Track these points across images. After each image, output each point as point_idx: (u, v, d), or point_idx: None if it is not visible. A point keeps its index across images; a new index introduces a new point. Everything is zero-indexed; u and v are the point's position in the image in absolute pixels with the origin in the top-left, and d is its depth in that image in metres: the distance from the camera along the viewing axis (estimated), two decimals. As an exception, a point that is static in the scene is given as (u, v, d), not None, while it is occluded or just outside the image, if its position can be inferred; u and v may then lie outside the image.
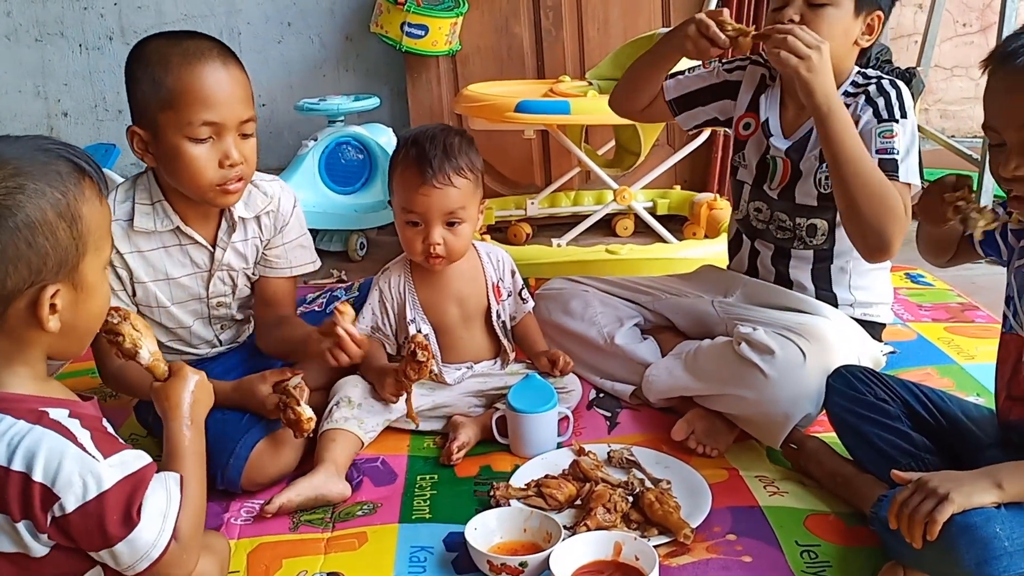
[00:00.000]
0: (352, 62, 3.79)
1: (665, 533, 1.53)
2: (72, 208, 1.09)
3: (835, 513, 1.60)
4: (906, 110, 1.81)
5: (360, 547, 1.56)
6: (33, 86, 3.78)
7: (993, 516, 1.26)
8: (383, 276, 1.98)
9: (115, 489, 1.07)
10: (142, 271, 1.73)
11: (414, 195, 1.84)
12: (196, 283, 1.80)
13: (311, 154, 3.23)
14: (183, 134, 1.60)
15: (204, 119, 1.59)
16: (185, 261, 1.77)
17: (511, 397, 1.83)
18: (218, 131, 1.62)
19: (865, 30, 1.84)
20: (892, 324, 2.36)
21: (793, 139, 1.92)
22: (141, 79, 1.61)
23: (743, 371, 1.76)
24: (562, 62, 3.50)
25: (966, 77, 3.95)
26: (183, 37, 1.65)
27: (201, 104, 1.59)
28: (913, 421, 1.59)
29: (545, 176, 3.59)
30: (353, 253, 3.26)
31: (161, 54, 1.60)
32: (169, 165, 1.64)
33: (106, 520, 1.07)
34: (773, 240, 1.99)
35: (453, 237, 1.88)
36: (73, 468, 1.05)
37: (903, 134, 1.78)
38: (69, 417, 1.09)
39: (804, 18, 1.77)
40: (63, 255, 1.08)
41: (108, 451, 1.08)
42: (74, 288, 1.11)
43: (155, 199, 1.72)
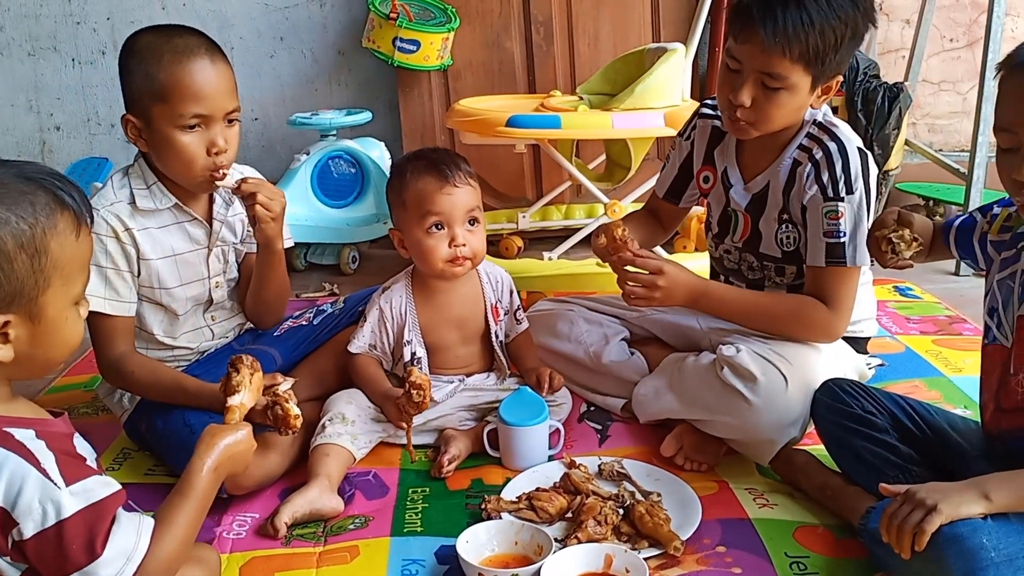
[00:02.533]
0: (344, 77, 3.81)
1: (655, 545, 1.54)
2: (37, 241, 1.05)
3: (824, 525, 1.61)
4: (852, 182, 1.78)
5: (352, 560, 1.56)
6: (26, 100, 3.78)
7: (980, 527, 1.27)
8: (384, 296, 1.99)
9: (75, 518, 1.05)
10: (148, 248, 1.79)
11: (437, 197, 1.88)
12: (198, 259, 1.87)
13: (303, 168, 3.24)
14: (174, 124, 1.71)
15: (194, 112, 1.70)
16: (185, 238, 1.85)
17: (502, 410, 1.84)
18: (206, 121, 1.72)
19: (822, 93, 1.78)
20: (879, 337, 2.39)
21: (751, 192, 1.92)
22: (135, 72, 1.71)
23: (726, 398, 1.76)
24: (553, 77, 3.53)
25: (953, 92, 3.98)
26: (173, 33, 1.74)
27: (191, 98, 1.70)
28: (900, 433, 1.60)
29: (536, 190, 3.60)
30: (345, 267, 3.27)
31: (153, 50, 1.71)
32: (161, 152, 1.75)
33: (66, 547, 1.04)
34: (745, 279, 2.01)
35: (475, 236, 1.92)
36: (33, 494, 1.03)
37: (849, 211, 1.77)
38: (35, 438, 1.06)
39: (756, 101, 1.73)
40: (18, 287, 1.05)
41: (72, 477, 1.06)
42: (31, 320, 1.07)
43: (149, 182, 1.80)
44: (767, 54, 1.69)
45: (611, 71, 3.14)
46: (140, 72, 1.71)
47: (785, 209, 1.87)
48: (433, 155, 1.94)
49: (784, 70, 1.70)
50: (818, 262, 1.81)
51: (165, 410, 1.80)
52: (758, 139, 1.84)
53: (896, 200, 3.75)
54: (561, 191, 3.42)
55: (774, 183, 1.88)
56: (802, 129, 1.85)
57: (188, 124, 1.71)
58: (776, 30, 1.66)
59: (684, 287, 1.83)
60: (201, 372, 1.85)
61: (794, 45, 1.67)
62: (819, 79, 1.74)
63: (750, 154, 1.93)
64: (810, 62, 1.69)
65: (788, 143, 1.86)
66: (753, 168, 1.92)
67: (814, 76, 1.72)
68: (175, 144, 1.72)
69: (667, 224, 2.19)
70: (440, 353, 1.99)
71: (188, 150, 1.72)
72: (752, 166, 1.93)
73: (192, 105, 1.70)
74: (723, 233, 2.01)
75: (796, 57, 1.68)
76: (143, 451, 1.94)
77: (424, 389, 1.76)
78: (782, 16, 1.66)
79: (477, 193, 1.93)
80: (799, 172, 1.83)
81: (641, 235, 2.08)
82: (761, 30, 1.67)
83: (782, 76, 1.71)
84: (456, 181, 1.89)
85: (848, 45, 1.72)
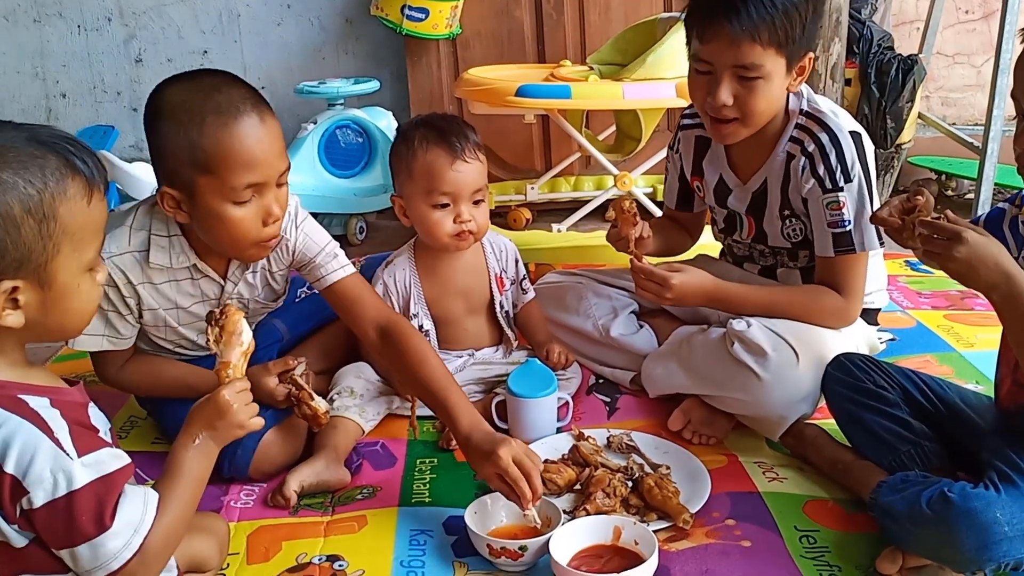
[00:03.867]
0: (352, 45, 3.77)
1: (664, 518, 1.53)
2: (46, 206, 1.04)
3: (834, 499, 1.61)
4: (848, 170, 1.75)
5: (360, 530, 1.56)
6: (31, 67, 3.76)
7: (993, 501, 1.27)
8: (387, 270, 1.98)
9: (86, 489, 1.04)
10: (152, 300, 1.67)
11: (446, 173, 1.85)
12: (204, 310, 1.72)
13: (310, 137, 3.22)
14: (225, 199, 1.50)
15: (247, 182, 1.50)
16: (195, 293, 1.71)
17: (511, 382, 1.83)
18: (260, 190, 1.53)
19: (797, 74, 1.75)
20: (891, 311, 2.38)
21: (750, 191, 1.89)
22: (172, 138, 1.48)
23: (737, 373, 1.75)
24: (563, 47, 3.48)
25: (968, 64, 3.93)
26: (210, 85, 1.51)
27: (244, 167, 1.49)
28: (912, 408, 1.59)
29: (545, 161, 3.57)
30: (352, 237, 3.25)
31: (190, 111, 1.47)
32: (208, 226, 1.55)
33: (76, 518, 1.04)
34: (757, 264, 2.00)
35: (480, 213, 1.90)
36: (45, 464, 1.02)
37: (850, 199, 1.75)
38: (50, 407, 1.06)
39: (738, 97, 1.71)
40: (25, 252, 1.03)
41: (84, 449, 1.05)
42: (40, 286, 1.06)
43: (172, 232, 1.63)
44: (737, 46, 1.66)
45: (622, 41, 3.10)
46: (179, 139, 1.47)
47: (786, 205, 1.85)
48: (442, 123, 1.89)
49: (758, 58, 1.67)
50: (827, 252, 1.80)
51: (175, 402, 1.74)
52: (745, 139, 1.80)
53: (909, 174, 3.72)
54: (570, 162, 3.40)
55: (771, 180, 1.86)
56: (790, 121, 1.81)
57: (242, 198, 1.50)
58: (741, 19, 1.64)
59: (695, 295, 1.82)
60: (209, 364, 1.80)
61: (762, 30, 1.64)
62: (792, 60, 1.71)
63: (741, 155, 1.90)
64: (781, 44, 1.67)
65: (778, 138, 1.82)
66: (747, 168, 1.90)
67: (787, 58, 1.69)
68: (226, 220, 1.51)
69: (691, 229, 2.18)
70: (447, 326, 1.98)
71: (242, 225, 1.52)
72: (745, 167, 1.90)
73: (245, 175, 1.49)
74: (730, 231, 2.01)
75: (767, 42, 1.66)
76: (151, 419, 1.94)
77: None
78: (743, 4, 1.64)
79: (484, 168, 1.90)
80: (793, 167, 1.80)
81: (667, 243, 2.10)
82: (726, 23, 1.64)
83: (757, 65, 1.67)
84: (466, 156, 1.85)
85: (813, 19, 1.70)
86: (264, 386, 1.67)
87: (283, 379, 1.68)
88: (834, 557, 1.45)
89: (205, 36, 3.76)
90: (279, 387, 1.67)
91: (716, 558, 1.45)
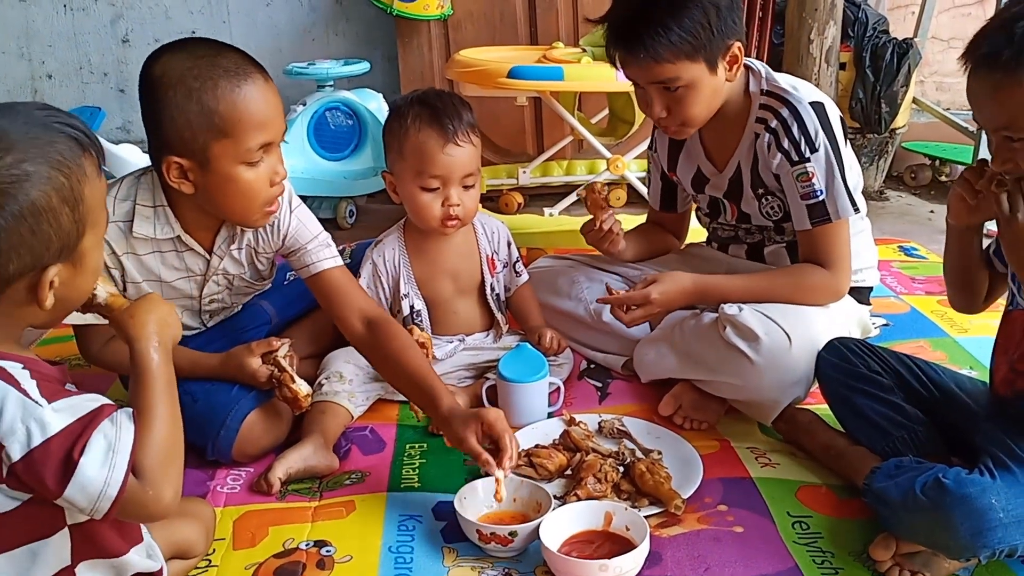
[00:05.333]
0: (342, 26, 3.74)
1: (656, 503, 1.52)
2: (75, 191, 1.05)
3: (827, 485, 1.59)
4: (813, 139, 1.75)
5: (348, 515, 1.54)
6: (17, 47, 3.71)
7: (988, 487, 1.26)
8: (376, 249, 1.95)
9: (62, 434, 1.00)
10: (136, 272, 1.66)
11: (437, 155, 1.82)
12: (189, 286, 1.73)
13: (299, 119, 3.18)
14: (240, 160, 1.52)
15: (261, 142, 1.52)
16: (180, 266, 1.69)
17: (502, 366, 1.81)
18: (268, 149, 1.55)
19: (730, 64, 1.75)
20: (884, 296, 2.36)
21: (727, 176, 1.90)
22: (185, 107, 1.47)
23: (729, 357, 1.74)
24: (555, 28, 3.46)
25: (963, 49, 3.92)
26: (207, 51, 1.51)
27: (257, 128, 1.51)
28: (906, 393, 1.58)
29: (537, 145, 3.55)
30: (342, 221, 3.22)
31: (201, 77, 1.47)
32: (219, 192, 1.55)
33: (47, 467, 0.99)
34: (744, 243, 2.00)
35: (469, 198, 1.87)
36: (15, 414, 0.99)
37: (819, 168, 1.76)
38: (22, 369, 1.03)
39: (669, 107, 1.75)
40: (66, 239, 1.05)
41: (54, 396, 1.02)
42: (72, 266, 1.08)
43: (157, 203, 1.62)
44: (646, 69, 1.71)
45: (615, 23, 3.07)
46: (190, 106, 1.47)
47: (758, 183, 1.86)
48: (437, 102, 1.85)
49: (670, 72, 1.70)
50: (804, 225, 1.81)
51: None
52: (713, 127, 1.84)
53: (903, 159, 3.70)
54: (562, 146, 3.37)
55: (743, 162, 1.87)
56: (753, 103, 1.82)
57: (255, 158, 1.52)
58: (639, 47, 1.68)
59: (679, 297, 1.85)
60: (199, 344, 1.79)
61: (662, 50, 1.67)
62: (712, 60, 1.72)
63: (712, 143, 1.92)
64: (688, 54, 1.69)
65: (744, 121, 1.84)
66: (721, 156, 1.91)
67: (704, 60, 1.71)
68: (240, 182, 1.53)
69: (676, 231, 2.19)
70: (438, 307, 1.96)
71: (254, 186, 1.54)
72: (719, 155, 1.92)
73: (258, 135, 1.51)
74: (714, 215, 2.01)
75: (671, 58, 1.68)
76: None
77: (426, 347, 1.75)
78: (636, 34, 1.68)
79: (477, 151, 1.87)
80: (759, 144, 1.81)
81: (650, 247, 2.13)
82: (629, 53, 1.71)
83: (674, 78, 1.71)
84: (459, 139, 1.82)
85: (721, 15, 1.69)
86: (247, 366, 1.66)
87: (266, 360, 1.66)
88: (827, 543, 1.44)
89: (193, 16, 3.72)
90: (261, 368, 1.66)
91: (708, 544, 1.44)
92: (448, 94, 1.91)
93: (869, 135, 3.47)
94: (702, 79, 1.72)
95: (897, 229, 3.13)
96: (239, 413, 1.66)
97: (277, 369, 1.65)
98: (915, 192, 3.60)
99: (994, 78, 1.25)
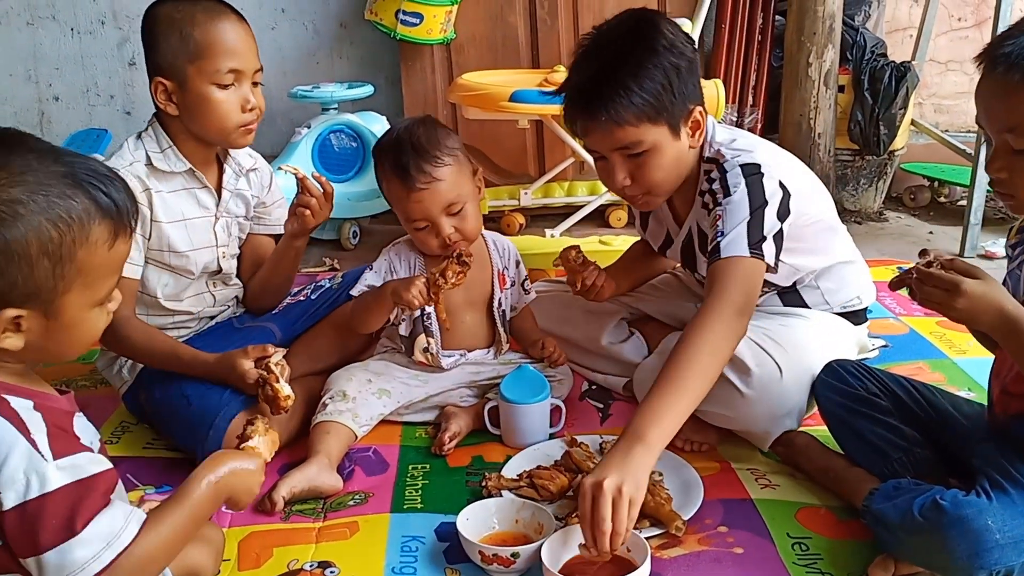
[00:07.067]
0: (346, 49, 3.78)
1: (657, 525, 1.53)
2: (64, 249, 1.03)
3: (826, 506, 1.60)
4: (729, 184, 1.67)
5: (351, 536, 1.55)
6: (24, 70, 3.75)
7: (985, 509, 1.27)
8: (394, 248, 1.97)
9: (59, 492, 1.00)
10: (161, 211, 1.81)
11: (408, 205, 1.84)
12: (207, 226, 1.89)
13: (304, 141, 3.21)
14: (211, 81, 1.75)
15: (229, 67, 1.75)
16: (195, 203, 1.87)
17: (503, 387, 1.82)
18: (239, 78, 1.78)
19: (692, 130, 1.70)
20: (883, 318, 2.38)
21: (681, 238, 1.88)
22: (168, 34, 1.74)
23: (720, 388, 1.66)
24: (557, 52, 3.49)
25: (961, 72, 3.95)
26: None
27: (226, 53, 1.75)
28: (904, 415, 1.59)
29: (539, 166, 3.58)
30: (346, 242, 3.25)
31: (183, 12, 1.75)
32: (196, 111, 1.78)
33: (45, 523, 0.99)
34: None
35: (462, 222, 1.87)
36: (19, 464, 0.99)
37: (729, 210, 1.65)
38: (32, 409, 1.03)
39: (632, 174, 1.68)
40: (35, 288, 1.03)
41: (61, 451, 1.02)
42: (45, 317, 1.05)
43: (164, 146, 1.82)
44: (609, 134, 1.64)
45: (616, 46, 3.10)
46: (173, 34, 1.74)
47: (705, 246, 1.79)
48: (397, 148, 1.83)
49: (633, 136, 1.64)
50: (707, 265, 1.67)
51: (164, 381, 1.79)
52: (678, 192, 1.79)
53: (901, 180, 3.73)
54: (564, 168, 3.39)
55: (694, 228, 1.84)
56: (699, 167, 1.78)
57: (224, 81, 1.75)
58: (601, 111, 1.62)
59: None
60: (200, 345, 1.84)
61: (624, 113, 1.61)
62: (674, 123, 1.67)
63: (675, 207, 1.90)
64: (651, 116, 1.63)
65: (695, 187, 1.79)
66: (681, 217, 1.89)
67: (667, 123, 1.66)
68: (211, 101, 1.76)
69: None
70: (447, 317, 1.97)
71: (224, 106, 1.77)
72: (680, 215, 1.89)
73: (228, 60, 1.75)
74: (690, 267, 1.98)
75: (634, 121, 1.62)
76: (142, 424, 1.93)
77: (471, 257, 1.79)
78: (597, 97, 1.62)
79: (452, 178, 1.82)
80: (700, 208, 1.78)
81: (643, 274, 2.13)
82: (590, 119, 1.64)
83: (636, 142, 1.65)
84: (420, 183, 1.80)
85: (682, 79, 1.65)
86: (238, 367, 1.71)
87: (259, 365, 1.72)
88: (826, 564, 1.45)
89: (199, 40, 3.76)
90: (252, 370, 1.71)
91: (708, 565, 1.45)
92: (410, 132, 1.85)
93: (868, 157, 3.49)
94: (664, 144, 1.66)
95: (896, 250, 3.14)
96: (227, 414, 1.71)
97: (265, 371, 1.69)
98: (914, 213, 3.62)
99: (1011, 79, 1.26)
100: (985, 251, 3.06)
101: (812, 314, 1.90)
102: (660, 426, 1.44)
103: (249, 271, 2.03)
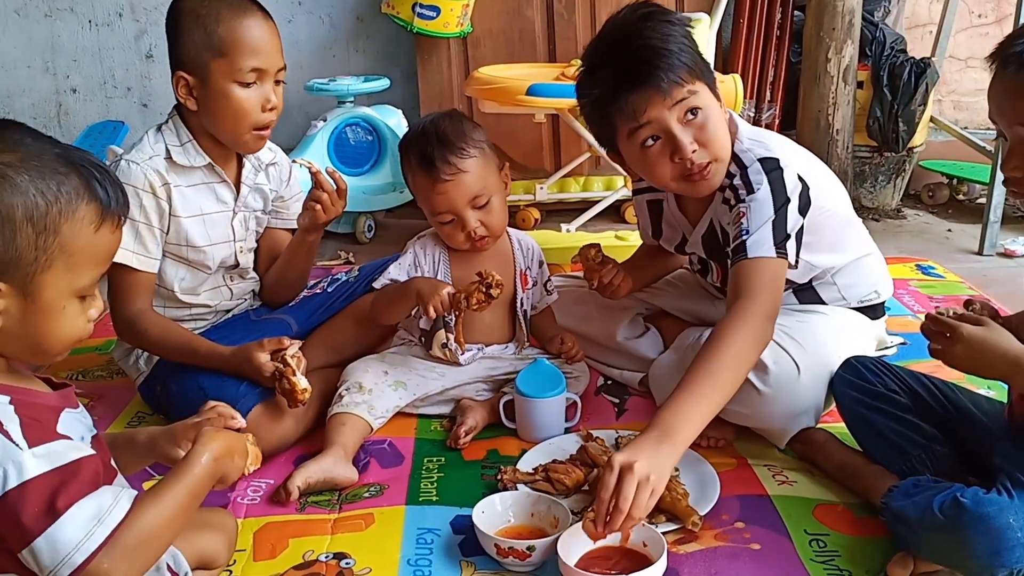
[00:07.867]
0: (363, 43, 3.77)
1: (673, 520, 1.52)
2: (49, 219, 1.01)
3: (844, 503, 1.59)
4: (751, 181, 1.66)
5: (367, 528, 1.55)
6: (42, 62, 3.76)
7: (1007, 506, 1.25)
8: (419, 242, 1.97)
9: (39, 479, 0.97)
10: (180, 205, 1.81)
11: (433, 197, 1.84)
12: (225, 221, 1.89)
13: (320, 135, 3.22)
14: (233, 79, 1.74)
15: (252, 65, 1.74)
16: (214, 198, 1.87)
17: (519, 381, 1.82)
18: (262, 77, 1.76)
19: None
20: (902, 315, 2.37)
21: (699, 234, 1.85)
22: (192, 29, 1.74)
23: None
24: (574, 46, 3.48)
25: (980, 68, 3.90)
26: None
27: (250, 52, 1.73)
28: (923, 412, 1.58)
29: (555, 161, 3.57)
30: (361, 235, 3.25)
31: (209, 7, 1.74)
32: (215, 108, 1.77)
33: (25, 511, 0.96)
34: None
35: (488, 215, 1.86)
36: None
37: (753, 207, 1.64)
38: (7, 404, 1.00)
39: (697, 139, 1.64)
40: (15, 257, 1.01)
41: (37, 440, 0.99)
42: (24, 296, 1.03)
43: (183, 140, 1.82)
44: (672, 96, 1.60)
45: (633, 41, 3.09)
46: (198, 29, 1.73)
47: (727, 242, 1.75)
48: (423, 140, 1.83)
49: (693, 92, 1.62)
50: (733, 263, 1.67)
51: (180, 373, 1.80)
52: None
53: (920, 177, 3.70)
54: (580, 163, 3.39)
55: (715, 220, 1.80)
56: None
57: (246, 79, 1.74)
58: (657, 79, 1.59)
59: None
60: (217, 337, 1.84)
61: (679, 71, 1.60)
62: (712, 83, 1.67)
63: (686, 208, 1.88)
64: (697, 74, 1.63)
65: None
66: (695, 215, 1.86)
67: (708, 85, 1.66)
68: (232, 99, 1.74)
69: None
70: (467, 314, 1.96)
71: (244, 105, 1.75)
72: (695, 213, 1.86)
73: (251, 58, 1.73)
74: (704, 273, 1.97)
75: (688, 78, 1.61)
76: (157, 414, 1.94)
77: (501, 286, 1.78)
78: (648, 65, 1.60)
79: (477, 170, 1.83)
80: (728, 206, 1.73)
81: (657, 271, 2.12)
82: (650, 86, 1.60)
83: (696, 98, 1.63)
84: (445, 175, 1.80)
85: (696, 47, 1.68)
86: (255, 359, 1.71)
87: (275, 357, 1.72)
88: (844, 561, 1.44)
89: (216, 33, 3.76)
90: (268, 363, 1.71)
91: (725, 561, 1.44)
92: (440, 121, 1.86)
93: (886, 153, 3.47)
94: (712, 101, 1.66)
95: (914, 247, 3.12)
96: (244, 406, 1.71)
97: (282, 363, 1.69)
98: (932, 211, 3.60)
99: (1022, 78, 1.25)
100: (1004, 249, 3.04)
101: (829, 310, 1.89)
102: (689, 427, 1.45)
103: (266, 264, 2.04)
